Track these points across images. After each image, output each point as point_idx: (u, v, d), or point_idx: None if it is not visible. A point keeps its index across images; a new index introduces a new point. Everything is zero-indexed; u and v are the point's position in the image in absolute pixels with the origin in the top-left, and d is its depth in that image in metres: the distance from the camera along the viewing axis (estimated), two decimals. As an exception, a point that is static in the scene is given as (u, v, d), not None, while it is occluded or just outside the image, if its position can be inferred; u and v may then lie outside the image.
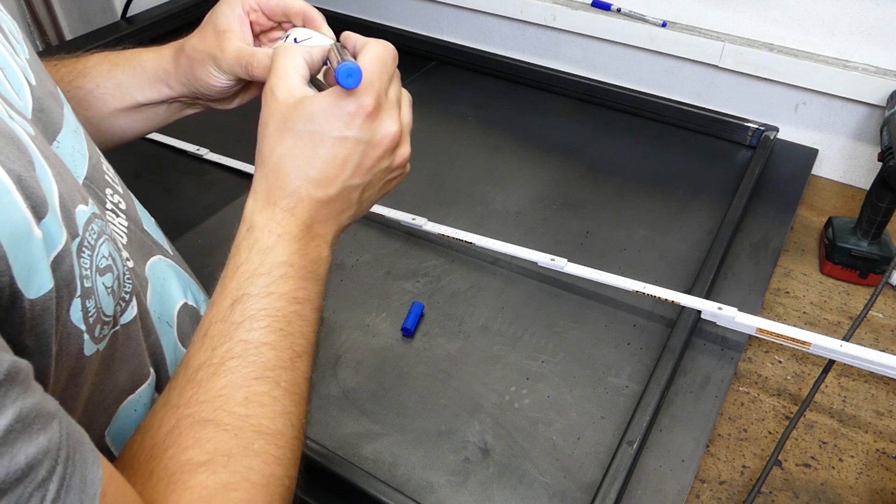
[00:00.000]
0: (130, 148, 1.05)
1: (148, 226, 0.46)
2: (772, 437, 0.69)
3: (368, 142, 0.40)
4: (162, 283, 0.43)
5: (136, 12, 1.37)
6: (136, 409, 0.36)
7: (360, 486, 0.58)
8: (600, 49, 1.17)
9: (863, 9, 0.94)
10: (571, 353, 0.73)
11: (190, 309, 0.45)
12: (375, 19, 1.37)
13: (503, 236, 0.83)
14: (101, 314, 0.31)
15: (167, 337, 0.42)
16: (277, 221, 0.39)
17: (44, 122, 0.36)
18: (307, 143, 0.39)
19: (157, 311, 0.41)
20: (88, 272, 0.30)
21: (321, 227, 0.40)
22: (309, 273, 0.39)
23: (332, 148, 0.39)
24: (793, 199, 0.95)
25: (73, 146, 0.38)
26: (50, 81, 0.40)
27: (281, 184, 0.39)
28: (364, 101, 0.39)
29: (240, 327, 0.35)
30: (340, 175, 0.39)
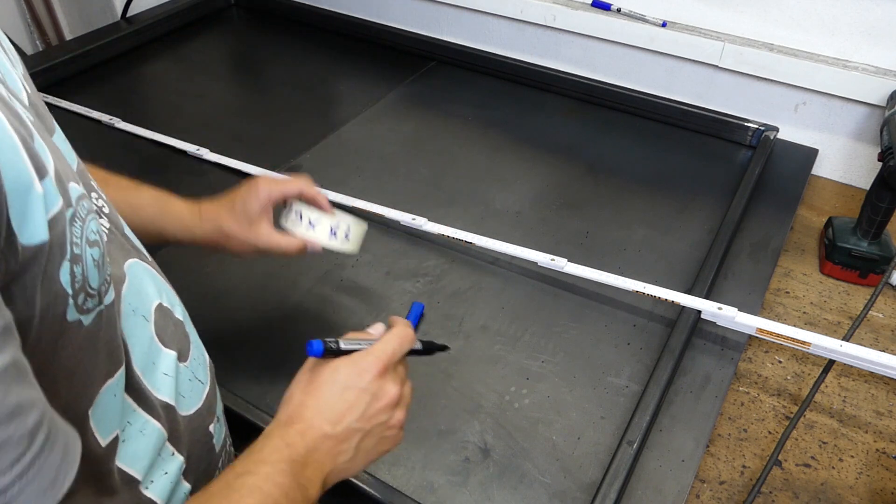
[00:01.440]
0: (130, 148, 1.06)
1: (129, 231, 0.49)
2: (772, 437, 0.69)
3: (374, 394, 0.49)
4: (139, 280, 0.46)
5: (136, 12, 1.37)
6: (115, 395, 0.38)
7: (361, 487, 0.58)
8: (600, 49, 1.17)
9: (863, 9, 0.94)
10: (571, 353, 0.73)
11: (164, 309, 0.47)
12: (375, 19, 1.37)
13: (503, 236, 0.83)
14: (87, 285, 0.33)
15: (142, 329, 0.44)
16: (290, 436, 0.46)
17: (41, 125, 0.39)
18: (328, 388, 0.49)
19: (134, 304, 0.43)
20: (79, 241, 0.32)
21: (321, 457, 0.47)
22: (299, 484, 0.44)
23: (344, 392, 0.48)
24: (793, 199, 0.95)
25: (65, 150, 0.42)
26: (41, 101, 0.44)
27: (300, 415, 0.48)
28: (375, 364, 0.50)
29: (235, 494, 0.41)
30: (348, 416, 0.48)
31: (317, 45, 1.37)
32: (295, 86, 1.24)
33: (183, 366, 0.47)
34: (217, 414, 0.52)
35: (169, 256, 0.85)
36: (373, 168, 1.01)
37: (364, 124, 1.11)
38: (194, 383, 0.49)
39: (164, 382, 0.44)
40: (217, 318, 0.77)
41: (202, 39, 1.39)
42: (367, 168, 1.01)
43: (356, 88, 1.22)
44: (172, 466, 0.45)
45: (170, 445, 0.45)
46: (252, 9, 1.49)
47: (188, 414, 0.47)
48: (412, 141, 1.07)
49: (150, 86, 1.26)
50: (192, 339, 0.50)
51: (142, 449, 0.42)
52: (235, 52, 1.39)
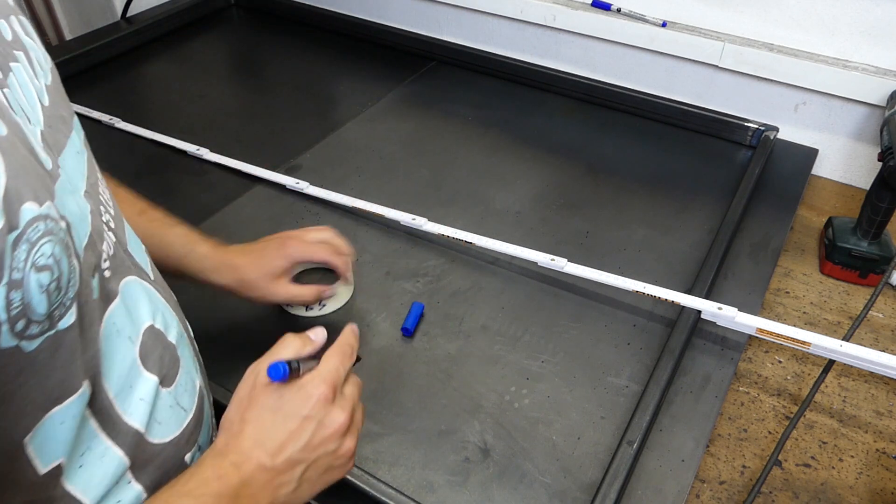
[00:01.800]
0: (131, 148, 1.06)
1: (132, 248, 0.47)
2: (772, 437, 0.69)
3: (320, 422, 0.47)
4: (133, 301, 0.44)
5: (136, 12, 1.37)
6: (63, 422, 0.36)
7: (361, 486, 0.58)
8: (600, 49, 1.17)
9: (863, 9, 0.94)
10: (571, 353, 0.73)
11: (156, 331, 0.46)
12: (375, 19, 1.37)
13: (503, 236, 0.83)
14: (29, 311, 0.32)
15: (125, 351, 0.42)
16: (223, 468, 0.44)
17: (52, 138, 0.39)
18: (269, 415, 0.46)
19: (120, 324, 0.42)
20: (21, 265, 0.31)
21: (256, 490, 0.44)
22: None
23: (287, 421, 0.46)
24: (793, 199, 0.95)
25: (75, 163, 0.41)
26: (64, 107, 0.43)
27: (237, 444, 0.45)
28: (322, 388, 0.47)
29: None
30: (289, 446, 0.45)
31: (317, 45, 1.37)
32: (295, 86, 1.24)
33: (165, 391, 0.45)
34: (200, 443, 0.50)
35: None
36: (373, 168, 1.01)
37: (364, 124, 1.11)
38: (175, 410, 0.47)
39: (137, 408, 0.43)
40: (217, 318, 0.77)
41: (202, 39, 1.39)
42: (367, 168, 1.01)
43: (356, 88, 1.22)
44: (128, 495, 0.43)
45: (129, 474, 0.43)
46: (252, 9, 1.49)
47: (161, 442, 0.45)
48: (412, 141, 1.07)
49: (150, 86, 1.26)
50: (184, 363, 0.49)
51: (98, 476, 0.40)
52: (235, 52, 1.39)
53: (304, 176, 0.96)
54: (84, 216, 0.39)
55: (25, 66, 0.39)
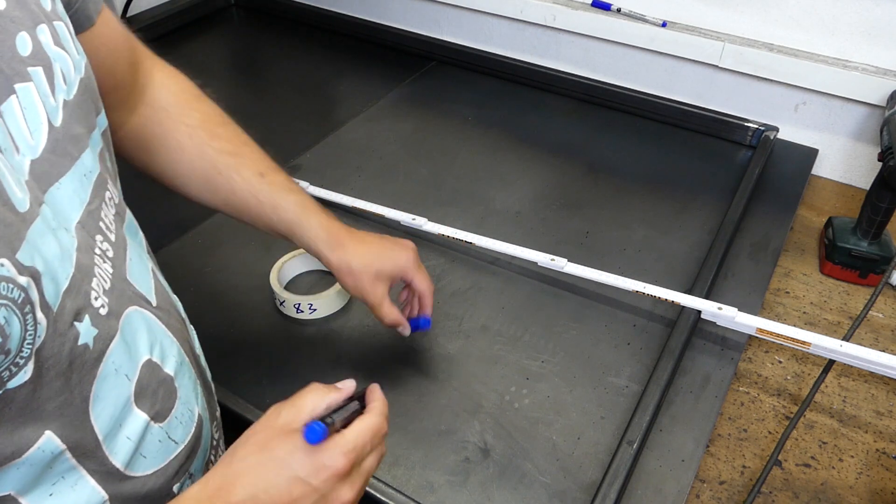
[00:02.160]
0: (130, 148, 1.06)
1: (133, 275, 0.46)
2: (772, 437, 0.69)
3: (323, 495, 0.42)
4: (133, 335, 0.43)
5: (136, 12, 1.37)
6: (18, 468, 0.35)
7: (360, 486, 0.58)
8: (600, 49, 1.17)
9: (863, 9, 0.94)
10: (571, 353, 0.73)
11: (153, 365, 0.45)
12: (375, 19, 1.37)
13: (503, 236, 0.83)
14: None
15: (119, 391, 0.41)
16: None
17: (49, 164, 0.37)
18: (275, 469, 0.42)
19: (118, 363, 0.41)
20: None
21: None
22: None
23: (290, 483, 0.41)
24: (793, 199, 0.95)
25: (73, 190, 0.40)
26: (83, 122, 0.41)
27: (231, 490, 0.41)
28: (339, 461, 0.42)
29: None
30: None
31: (317, 45, 1.37)
32: (295, 86, 1.24)
33: (157, 426, 0.44)
34: (192, 471, 0.48)
35: (169, 256, 0.85)
36: (373, 168, 1.01)
37: (364, 124, 1.11)
38: (165, 444, 0.45)
39: (122, 446, 0.41)
40: (217, 319, 0.77)
41: (202, 39, 1.39)
42: (367, 168, 1.01)
43: (356, 88, 1.22)
44: None
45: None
46: (252, 9, 1.49)
47: (143, 474, 0.43)
48: (412, 141, 1.07)
49: (150, 86, 1.26)
50: (181, 394, 0.47)
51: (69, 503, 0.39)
52: (235, 52, 1.39)
53: (304, 176, 0.96)
54: (67, 255, 0.37)
55: (40, 84, 0.37)
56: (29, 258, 0.33)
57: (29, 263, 0.33)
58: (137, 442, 0.42)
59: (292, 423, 0.43)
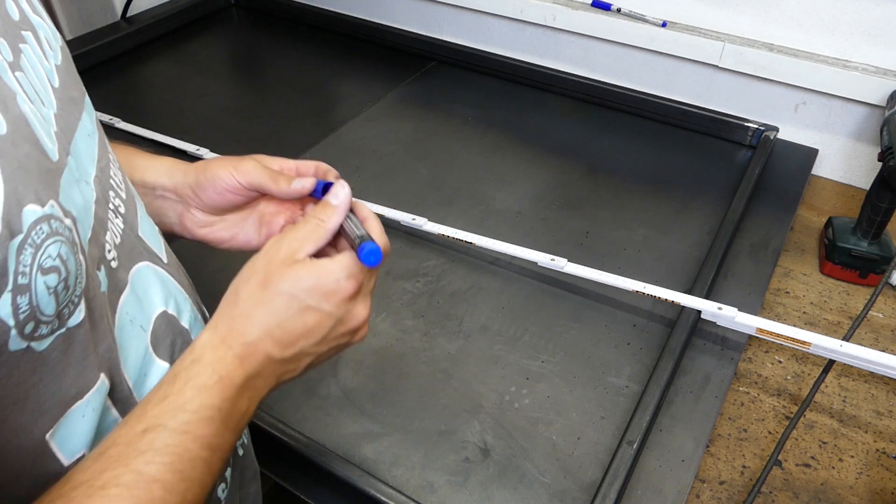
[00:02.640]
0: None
1: (144, 232, 0.46)
2: (772, 437, 0.69)
3: (339, 319, 0.43)
4: (144, 288, 0.44)
5: (136, 12, 1.37)
6: (84, 416, 0.36)
7: (360, 486, 0.58)
8: (600, 49, 1.17)
9: (863, 9, 0.94)
10: (571, 353, 0.73)
11: (169, 317, 0.45)
12: (375, 19, 1.37)
13: (503, 236, 0.83)
14: (38, 312, 0.31)
15: (138, 340, 0.42)
16: (224, 364, 0.40)
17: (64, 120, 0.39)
18: (284, 302, 0.42)
19: (133, 313, 0.41)
20: (27, 269, 0.30)
21: (261, 382, 0.42)
22: (232, 423, 0.40)
23: (303, 313, 0.42)
24: (793, 199, 0.95)
25: (85, 146, 0.41)
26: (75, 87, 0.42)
27: (243, 330, 0.41)
28: (349, 283, 0.42)
29: (140, 456, 0.35)
30: (302, 341, 0.42)
31: (317, 45, 1.37)
32: (295, 86, 1.24)
33: None
34: None
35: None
36: (373, 168, 1.01)
37: (364, 124, 1.11)
38: None
39: None
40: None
41: (202, 39, 1.39)
42: (367, 168, 1.01)
43: (356, 88, 1.22)
44: None
45: None
46: (252, 9, 1.49)
47: None
48: (412, 141, 1.07)
49: (150, 86, 1.26)
50: None
51: None
52: (235, 52, 1.39)
53: (304, 176, 0.96)
54: (88, 207, 0.38)
55: (34, 48, 0.38)
56: (66, 203, 0.34)
57: (68, 208, 0.34)
58: None
59: (295, 253, 0.43)
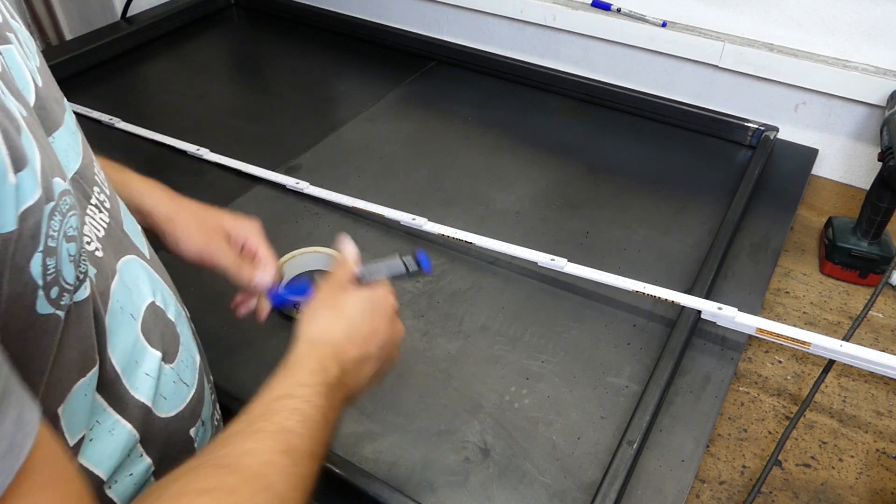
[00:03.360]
0: (130, 148, 1.06)
1: (129, 228, 0.48)
2: (772, 437, 0.69)
3: (392, 324, 0.53)
4: (133, 278, 0.45)
5: (136, 12, 1.37)
6: (85, 395, 0.38)
7: (360, 486, 0.58)
8: (600, 49, 1.17)
9: (863, 9, 0.94)
10: (571, 353, 0.73)
11: (157, 308, 0.47)
12: (375, 19, 1.37)
13: (503, 236, 0.83)
14: (61, 278, 0.33)
15: (128, 327, 0.43)
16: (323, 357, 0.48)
17: (43, 118, 0.40)
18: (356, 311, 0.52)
19: (123, 301, 0.43)
20: (56, 234, 0.32)
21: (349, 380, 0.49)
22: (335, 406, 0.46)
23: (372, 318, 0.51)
24: (793, 199, 0.95)
25: (67, 143, 0.42)
26: (55, 88, 0.44)
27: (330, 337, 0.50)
28: (392, 298, 0.54)
29: (278, 414, 0.42)
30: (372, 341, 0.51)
31: (317, 45, 1.37)
32: (295, 86, 1.24)
33: (168, 367, 0.46)
34: (203, 418, 0.50)
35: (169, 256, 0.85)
36: (373, 168, 1.01)
37: (364, 124, 1.11)
38: (179, 385, 0.47)
39: (144, 382, 0.44)
40: (217, 318, 0.77)
41: (202, 39, 1.39)
42: (367, 168, 1.01)
43: (356, 88, 1.22)
44: (139, 468, 0.44)
45: (140, 447, 0.44)
46: (252, 9, 1.49)
47: (167, 416, 0.46)
48: (412, 141, 1.07)
49: (150, 86, 1.26)
50: (183, 340, 0.49)
51: (109, 449, 0.41)
52: (235, 52, 1.39)
53: (303, 176, 0.96)
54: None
55: (17, 48, 0.39)
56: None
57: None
58: (156, 379, 0.45)
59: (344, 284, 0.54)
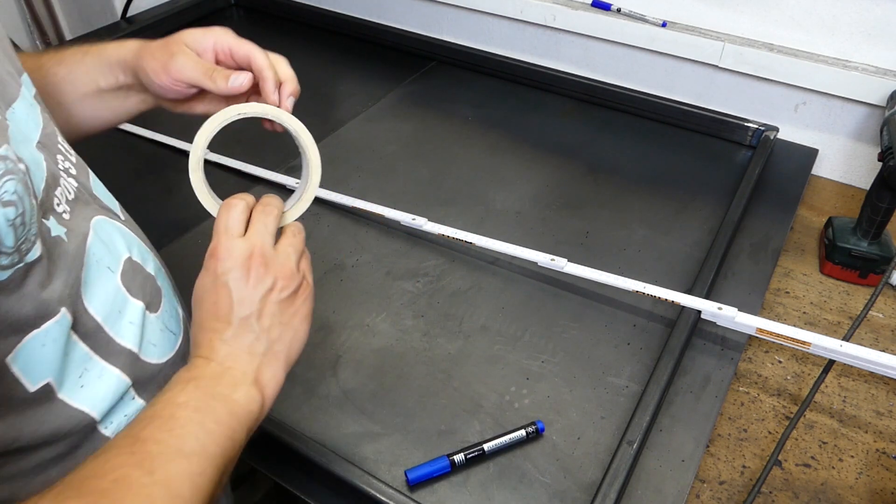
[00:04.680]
0: (131, 148, 1.06)
1: (98, 192, 0.50)
2: (772, 437, 0.69)
3: (238, 272, 0.46)
4: (108, 236, 0.47)
5: (136, 12, 1.37)
6: (44, 345, 0.39)
7: (360, 486, 0.58)
8: (600, 49, 1.17)
9: (863, 9, 0.94)
10: (571, 353, 0.73)
11: (134, 263, 0.49)
12: (375, 19, 1.37)
13: (503, 236, 0.83)
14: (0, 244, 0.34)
15: (106, 280, 0.45)
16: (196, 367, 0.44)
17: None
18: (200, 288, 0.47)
19: (99, 255, 0.45)
20: None
21: (232, 361, 0.45)
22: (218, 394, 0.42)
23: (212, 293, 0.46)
24: (793, 199, 0.95)
25: (27, 114, 0.44)
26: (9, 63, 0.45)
27: (195, 337, 0.46)
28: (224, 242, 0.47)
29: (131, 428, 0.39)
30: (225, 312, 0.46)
31: (317, 45, 1.37)
32: (295, 86, 1.23)
33: (153, 316, 0.48)
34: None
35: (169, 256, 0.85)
36: (373, 168, 1.01)
37: (364, 124, 1.11)
38: (166, 333, 0.49)
39: (128, 331, 0.45)
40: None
41: (202, 39, 1.39)
42: (367, 168, 1.01)
43: (356, 88, 1.22)
44: (132, 409, 0.46)
45: (133, 391, 0.46)
46: (252, 9, 1.49)
47: (158, 362, 0.48)
48: (412, 141, 1.07)
49: (150, 86, 1.26)
50: (165, 291, 0.51)
51: (101, 393, 0.43)
52: (235, 52, 1.39)
53: (304, 176, 0.96)
54: (38, 163, 0.41)
55: None
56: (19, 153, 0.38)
57: (22, 156, 0.37)
58: (141, 327, 0.46)
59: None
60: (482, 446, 0.62)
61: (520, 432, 0.64)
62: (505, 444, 0.63)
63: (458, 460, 0.62)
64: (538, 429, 0.64)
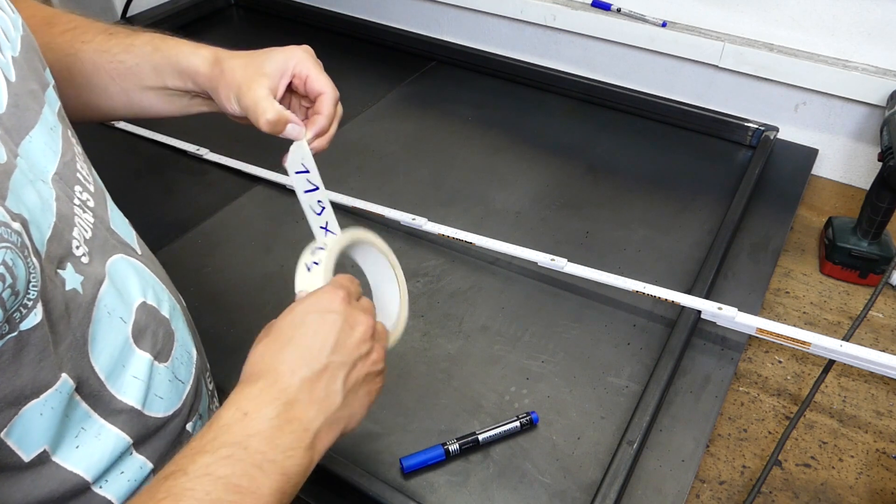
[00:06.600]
0: (131, 148, 1.06)
1: (115, 224, 0.47)
2: (772, 437, 0.69)
3: (345, 319, 0.44)
4: (122, 280, 0.44)
5: (136, 12, 1.37)
6: (41, 414, 0.36)
7: (360, 486, 0.58)
8: (600, 49, 1.17)
9: (863, 9, 0.94)
10: (571, 353, 0.73)
11: (149, 307, 0.46)
12: (375, 19, 1.37)
13: (503, 236, 0.83)
14: None
15: (117, 332, 0.42)
16: (250, 399, 0.40)
17: (16, 118, 0.38)
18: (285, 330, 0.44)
19: (111, 306, 0.42)
20: None
21: (301, 410, 0.41)
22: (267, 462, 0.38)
23: (313, 324, 0.43)
24: (793, 199, 0.95)
25: (45, 143, 0.41)
26: (35, 79, 0.42)
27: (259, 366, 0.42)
28: (338, 290, 0.46)
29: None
30: (317, 351, 0.43)
31: (316, 45, 1.35)
32: (295, 86, 1.24)
33: (162, 366, 0.45)
34: (200, 411, 0.50)
35: (169, 256, 0.85)
36: (373, 168, 1.01)
37: (364, 124, 1.11)
38: (174, 384, 0.46)
39: (131, 386, 0.42)
40: (217, 318, 0.77)
41: (202, 39, 1.38)
42: (367, 168, 1.01)
43: (356, 88, 1.22)
44: (131, 467, 0.43)
45: (132, 448, 0.43)
46: (252, 9, 1.49)
47: (165, 415, 0.45)
48: (412, 141, 1.07)
49: (150, 86, 1.26)
50: (178, 336, 0.48)
51: (97, 453, 0.40)
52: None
53: (304, 176, 0.96)
54: (47, 206, 0.38)
55: None
56: (15, 206, 0.34)
57: (17, 211, 0.34)
58: (147, 381, 0.43)
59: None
60: (477, 436, 0.63)
61: (514, 423, 0.64)
62: (499, 435, 0.63)
63: (452, 450, 0.62)
64: (532, 419, 0.65)
